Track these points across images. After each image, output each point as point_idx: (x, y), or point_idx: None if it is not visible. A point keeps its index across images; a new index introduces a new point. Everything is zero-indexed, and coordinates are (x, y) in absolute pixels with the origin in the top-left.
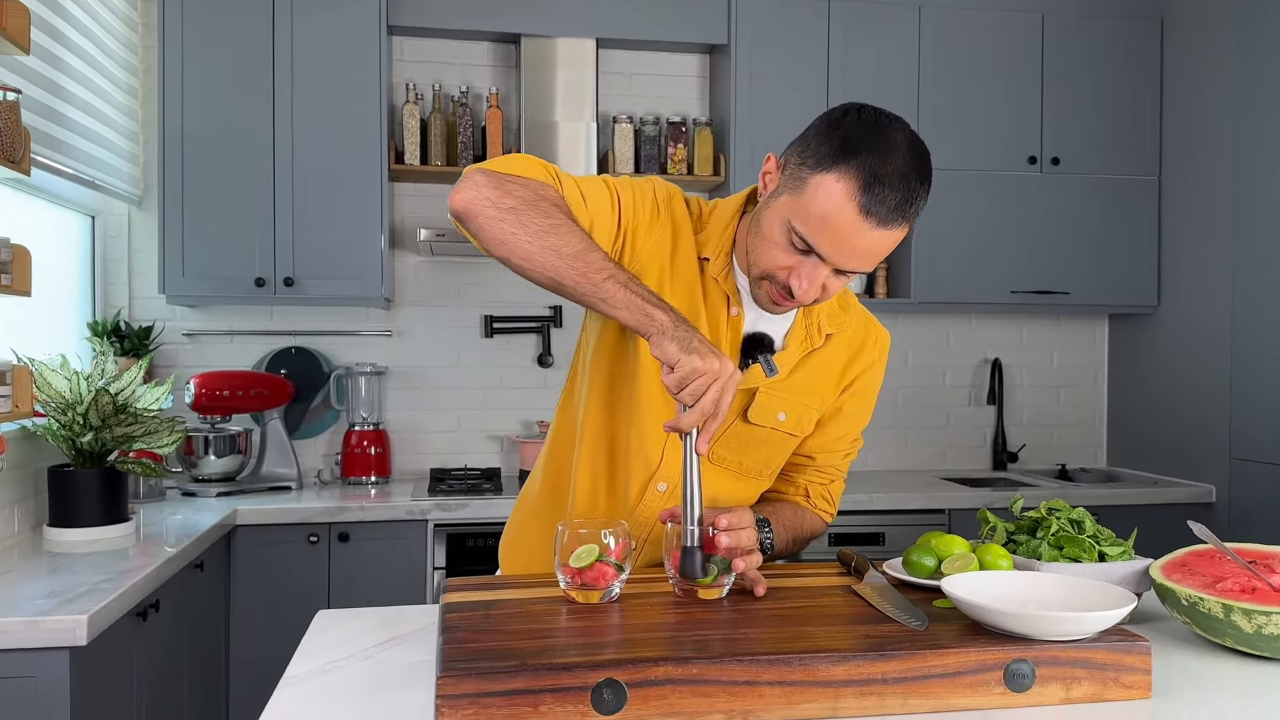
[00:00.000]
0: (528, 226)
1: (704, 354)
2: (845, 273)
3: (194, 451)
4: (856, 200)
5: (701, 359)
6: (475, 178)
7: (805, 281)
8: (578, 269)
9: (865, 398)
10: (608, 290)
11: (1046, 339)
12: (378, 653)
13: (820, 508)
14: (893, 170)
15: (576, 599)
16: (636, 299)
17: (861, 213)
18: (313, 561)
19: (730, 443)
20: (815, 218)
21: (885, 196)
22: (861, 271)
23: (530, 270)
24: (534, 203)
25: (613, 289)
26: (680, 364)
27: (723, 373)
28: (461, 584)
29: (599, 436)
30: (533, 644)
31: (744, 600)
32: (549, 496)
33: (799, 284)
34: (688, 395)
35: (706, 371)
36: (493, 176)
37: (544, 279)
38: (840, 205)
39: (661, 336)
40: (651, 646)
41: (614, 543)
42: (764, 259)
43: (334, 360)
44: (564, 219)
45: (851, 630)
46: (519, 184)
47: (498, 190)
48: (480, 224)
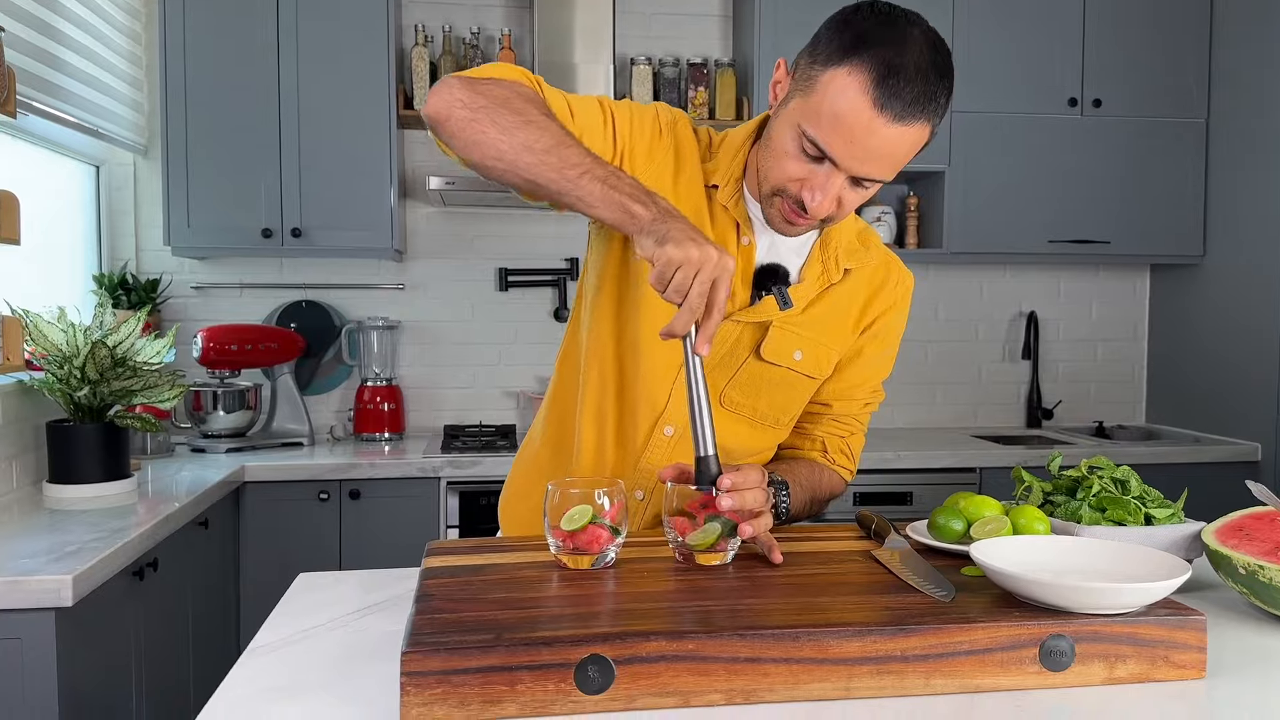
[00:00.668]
0: (499, 123)
1: (680, 242)
2: (862, 184)
3: (202, 407)
4: (870, 94)
5: (678, 247)
6: (449, 82)
7: (819, 193)
8: (550, 164)
9: (886, 342)
10: (584, 186)
11: (1085, 291)
12: (354, 620)
13: (839, 464)
14: (909, 63)
15: (568, 564)
16: (615, 194)
17: (876, 107)
18: (323, 519)
19: (743, 384)
20: (827, 117)
21: (901, 90)
22: (879, 179)
23: (504, 171)
24: (507, 100)
25: (589, 185)
26: (656, 257)
27: (705, 260)
28: (446, 547)
29: (604, 380)
30: (514, 615)
31: (751, 567)
32: (552, 448)
33: (811, 196)
34: (672, 292)
35: (686, 260)
36: (466, 80)
37: (519, 180)
38: (853, 101)
39: (640, 234)
40: (645, 619)
41: (609, 503)
42: (774, 171)
43: (346, 314)
44: (537, 114)
45: (869, 601)
46: (494, 84)
47: (470, 91)
48: (452, 128)
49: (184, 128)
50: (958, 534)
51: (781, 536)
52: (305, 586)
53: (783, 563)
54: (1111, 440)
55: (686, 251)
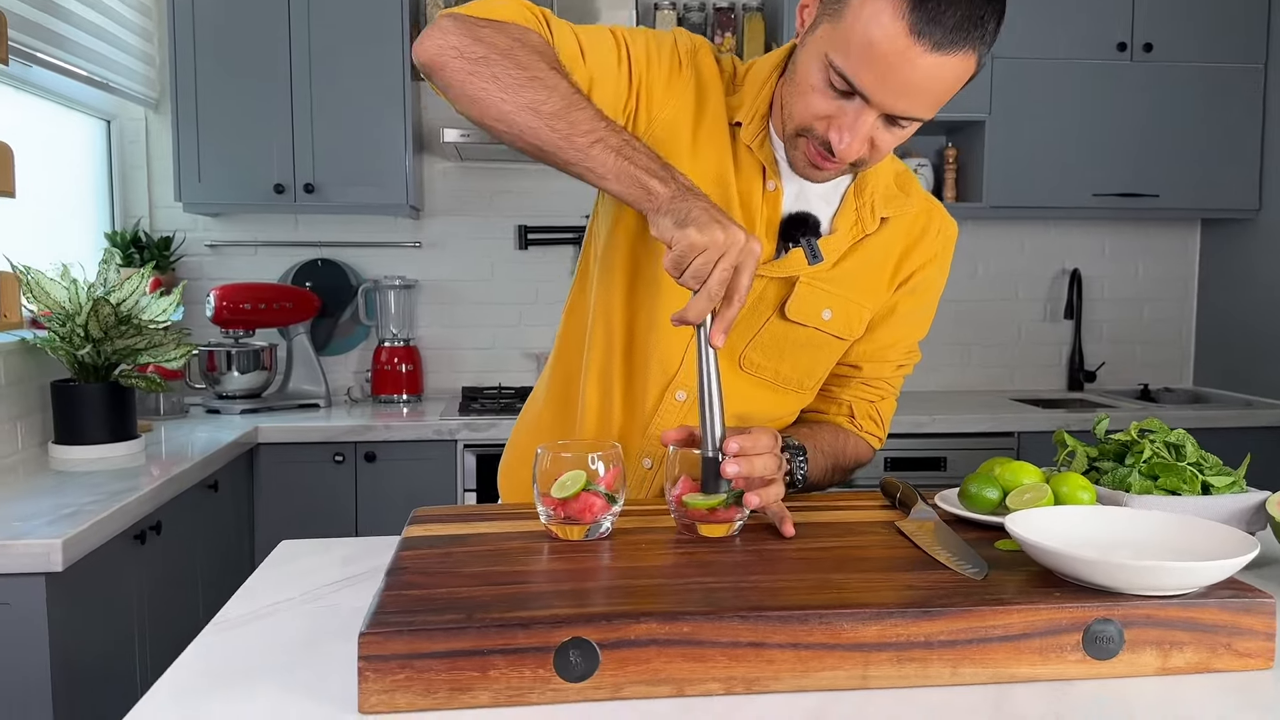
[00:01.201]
0: (500, 79)
1: (704, 225)
2: (898, 123)
3: (216, 367)
4: (906, 19)
5: (700, 231)
6: (444, 23)
7: (847, 134)
8: (559, 130)
9: (924, 298)
10: (595, 156)
11: (1132, 248)
12: (329, 593)
13: (867, 430)
14: None
15: (558, 535)
16: (630, 166)
17: (912, 34)
18: (339, 482)
19: (765, 345)
20: (857, 46)
21: (942, 14)
22: (917, 118)
23: (506, 134)
24: (509, 51)
25: (601, 155)
26: (676, 240)
27: (730, 244)
28: (431, 514)
29: (612, 337)
30: (491, 592)
31: (760, 539)
32: (556, 409)
33: (839, 137)
34: (690, 278)
35: (710, 245)
36: (463, 21)
37: (524, 144)
38: (887, 27)
39: (657, 214)
40: (636, 597)
41: (604, 469)
42: (799, 108)
43: (362, 273)
44: (545, 68)
45: (890, 579)
46: (494, 29)
47: (467, 37)
48: (448, 78)
49: (193, 80)
50: (992, 504)
51: (796, 506)
52: (285, 555)
53: (795, 535)
54: (1157, 403)
55: (710, 235)
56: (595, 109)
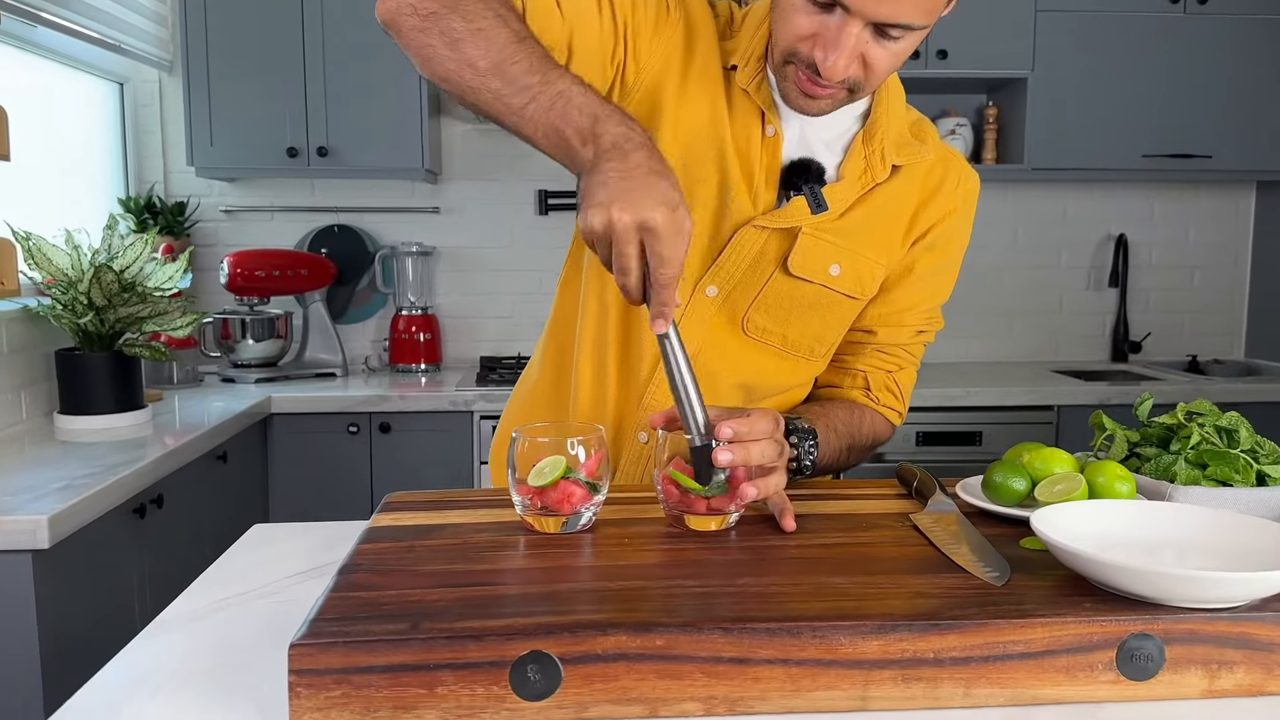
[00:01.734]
0: (446, 35)
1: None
2: (889, 35)
3: (230, 335)
4: None
5: (594, 211)
6: None
7: (832, 51)
8: (493, 89)
9: (944, 256)
10: (529, 116)
11: (1182, 212)
12: (288, 587)
13: (884, 404)
14: None
15: (534, 526)
16: (559, 124)
17: None
18: (354, 453)
19: (770, 306)
20: None
21: None
22: (909, 25)
23: (458, 96)
24: (457, 3)
25: (534, 113)
26: (582, 221)
27: (626, 223)
28: (403, 500)
29: (605, 306)
30: (448, 595)
31: (758, 533)
32: (550, 383)
33: (824, 55)
34: (614, 269)
35: (606, 225)
36: None
37: (473, 107)
38: None
39: (582, 179)
40: (609, 604)
41: (584, 454)
42: (782, 33)
43: (379, 240)
44: (490, 19)
45: (897, 584)
46: None
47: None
48: (402, 37)
49: (204, 40)
50: (1019, 495)
51: (801, 495)
52: (253, 541)
53: (796, 530)
54: (1206, 376)
55: (603, 215)
56: (535, 58)
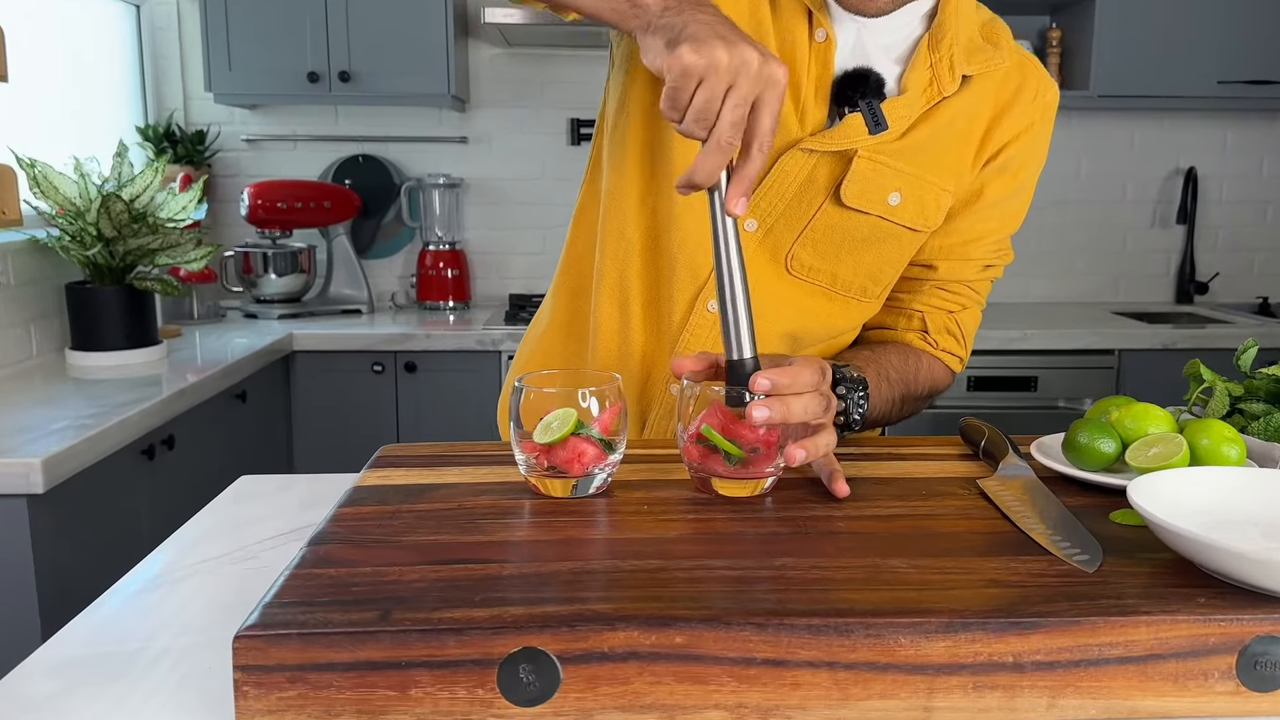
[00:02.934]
0: None
1: (703, 39)
2: None
3: (252, 269)
4: None
5: (697, 49)
6: None
7: None
8: None
9: (1018, 179)
10: None
11: (1256, 143)
12: (267, 550)
13: (944, 348)
14: None
15: (540, 489)
16: None
17: None
18: (379, 393)
19: (818, 241)
20: None
21: None
22: None
23: None
24: None
25: None
26: (668, 66)
27: (741, 67)
28: (396, 456)
29: (627, 241)
30: (431, 575)
31: (799, 501)
32: (564, 328)
33: None
34: (692, 121)
35: (710, 68)
36: None
37: None
38: None
39: (646, 33)
40: (620, 590)
41: (598, 407)
42: None
43: (405, 171)
44: None
45: (966, 569)
46: None
47: None
48: None
49: None
50: (1107, 459)
51: (849, 453)
52: (238, 495)
53: (847, 496)
54: (1277, 318)
55: (711, 55)
56: None
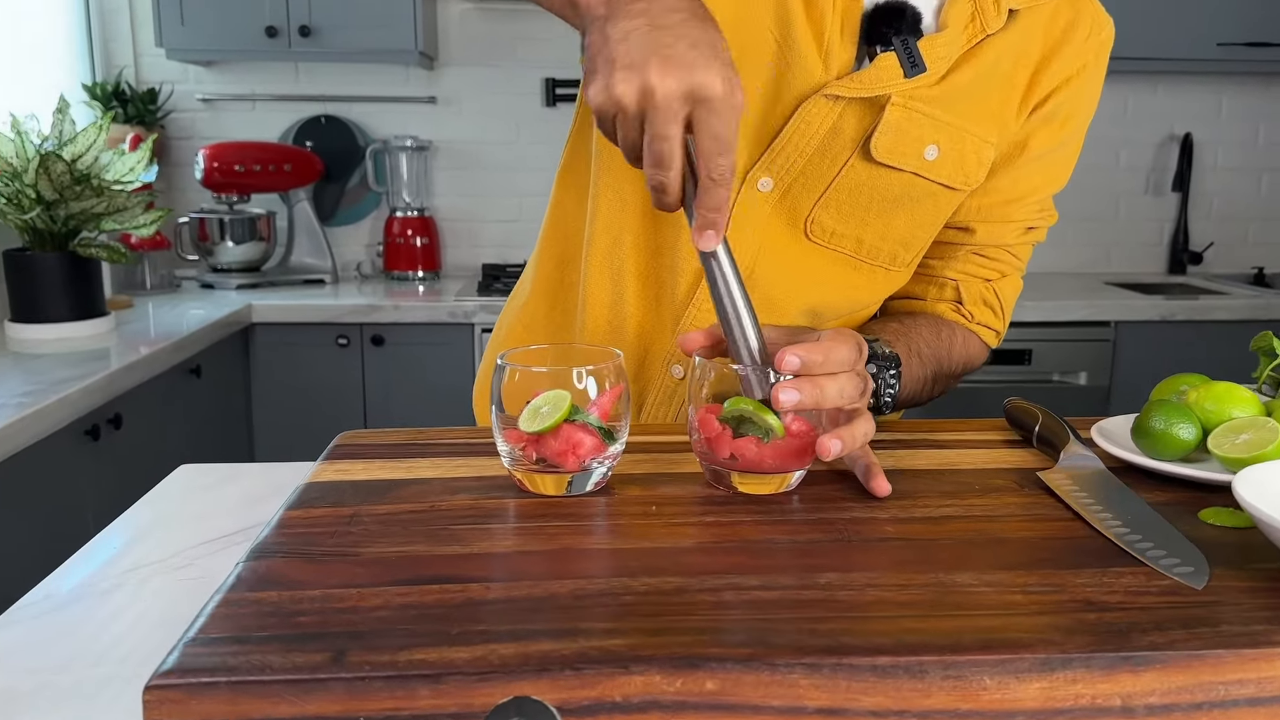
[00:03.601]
0: None
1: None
2: None
3: (208, 237)
4: None
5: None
6: None
7: None
8: None
9: (1066, 129)
10: None
11: (1252, 109)
12: (206, 555)
13: (979, 320)
14: None
15: (528, 486)
16: None
17: None
18: (344, 368)
19: (843, 202)
20: None
21: None
22: None
23: None
24: None
25: None
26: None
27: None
28: (357, 444)
29: (624, 202)
30: (398, 600)
31: (831, 500)
32: (547, 301)
33: None
34: (627, 156)
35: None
36: None
37: None
38: None
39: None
40: (632, 619)
41: (596, 388)
42: None
43: (371, 133)
44: None
45: (1053, 585)
46: None
47: None
48: None
49: None
50: (1186, 446)
51: (880, 440)
52: (176, 488)
53: (889, 494)
54: (1274, 289)
55: (614, 90)
56: None
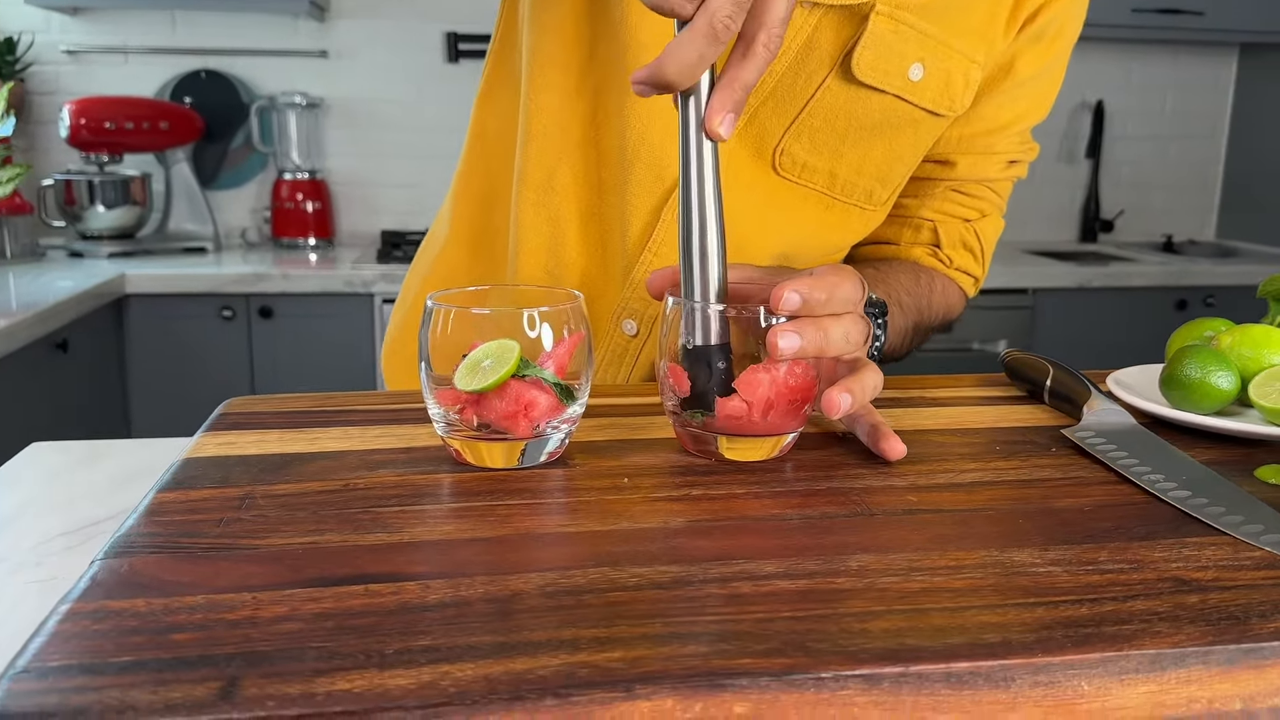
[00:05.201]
0: None
1: None
2: None
3: (76, 200)
4: None
5: None
6: None
7: None
8: None
9: (1053, 50)
10: None
11: (1160, 77)
12: (62, 553)
13: (959, 266)
14: None
15: (467, 458)
16: None
17: None
18: (229, 343)
19: (816, 129)
20: None
21: None
22: None
23: None
24: None
25: None
26: None
27: None
28: (250, 411)
29: (564, 126)
30: (303, 610)
31: (838, 468)
32: (469, 245)
33: None
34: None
35: None
36: None
37: None
38: None
39: None
40: (628, 621)
41: (551, 337)
42: None
43: (256, 89)
44: None
45: (1131, 562)
46: None
47: None
48: None
49: None
50: (1224, 397)
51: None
52: (25, 471)
53: (902, 458)
54: (1182, 256)
55: None
56: None
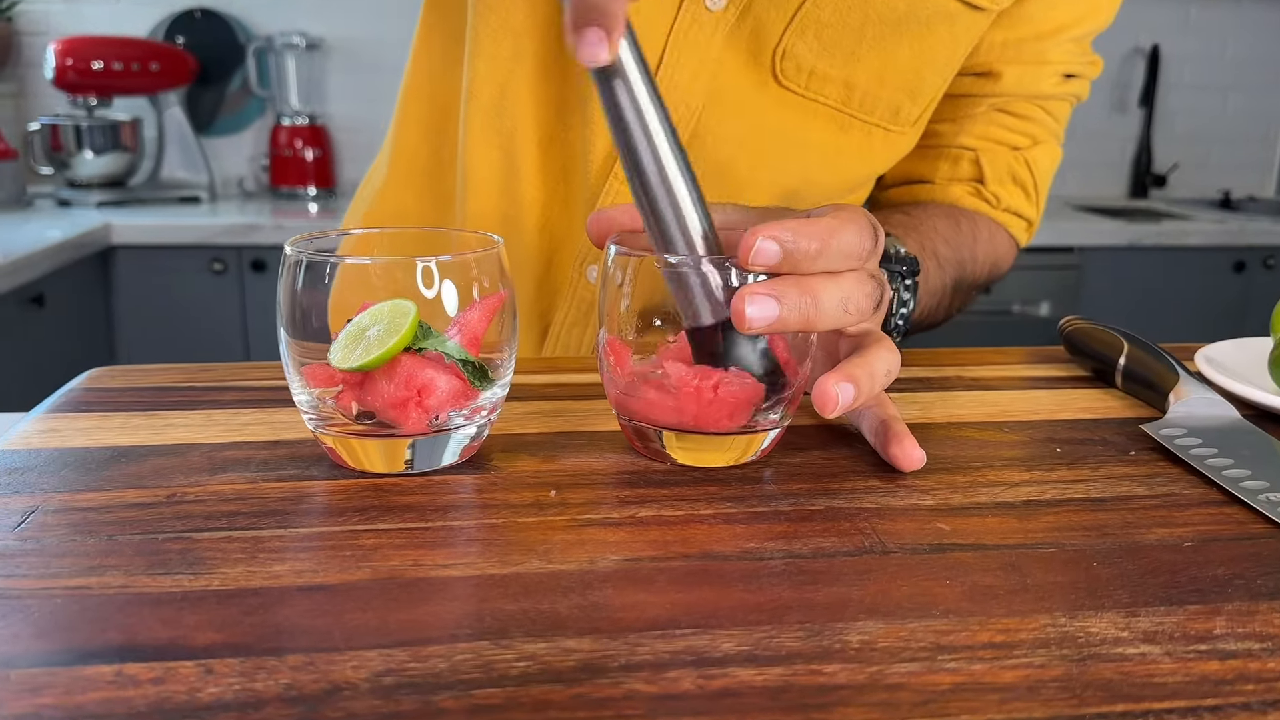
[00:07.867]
0: None
1: None
2: None
3: (63, 146)
4: None
5: None
6: None
7: None
8: None
9: None
10: None
11: (1220, 21)
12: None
13: (1007, 206)
14: None
15: (346, 460)
16: None
17: None
18: (221, 297)
19: (824, 28)
20: None
21: None
22: None
23: None
24: None
25: None
26: None
27: None
28: (103, 387)
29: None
30: (56, 707)
31: (833, 478)
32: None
33: None
34: None
35: None
36: None
37: None
38: None
39: None
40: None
41: (457, 293)
42: None
43: (253, 29)
44: None
45: (1254, 633)
46: None
47: None
48: None
49: None
50: None
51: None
52: None
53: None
54: (1240, 213)
55: None
56: None
